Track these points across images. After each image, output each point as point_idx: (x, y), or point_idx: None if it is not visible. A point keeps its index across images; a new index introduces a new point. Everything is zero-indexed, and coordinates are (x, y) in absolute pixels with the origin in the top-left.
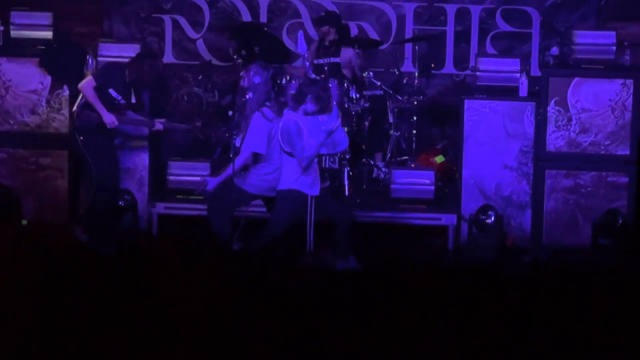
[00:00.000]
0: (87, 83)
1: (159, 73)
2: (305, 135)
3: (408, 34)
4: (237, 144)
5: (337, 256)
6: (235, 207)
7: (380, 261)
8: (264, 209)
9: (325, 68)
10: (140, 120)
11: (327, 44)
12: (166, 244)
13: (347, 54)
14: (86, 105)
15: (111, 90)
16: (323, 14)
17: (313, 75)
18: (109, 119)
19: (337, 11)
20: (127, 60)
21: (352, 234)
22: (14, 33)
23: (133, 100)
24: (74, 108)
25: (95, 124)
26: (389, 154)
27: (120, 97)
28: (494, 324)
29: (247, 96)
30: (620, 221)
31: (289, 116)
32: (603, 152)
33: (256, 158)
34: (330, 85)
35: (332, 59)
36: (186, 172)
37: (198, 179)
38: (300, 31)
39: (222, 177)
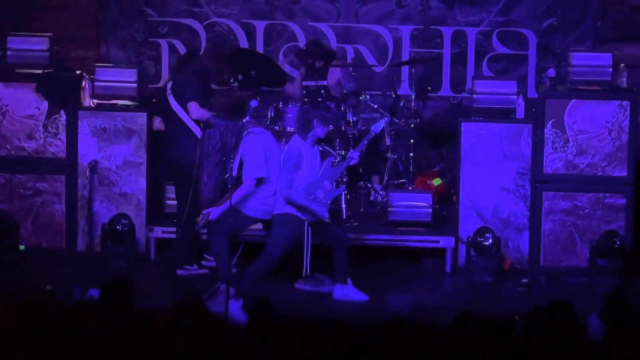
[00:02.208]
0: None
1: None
2: (303, 166)
3: (404, 57)
4: (234, 172)
5: (335, 281)
6: (235, 231)
7: (379, 285)
8: (264, 233)
9: (322, 92)
10: None
11: (316, 67)
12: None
13: (335, 75)
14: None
15: None
16: (304, 47)
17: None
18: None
19: (314, 39)
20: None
21: (349, 257)
22: (10, 58)
23: None
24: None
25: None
26: (386, 177)
27: None
28: None
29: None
30: (618, 243)
31: (296, 142)
32: (600, 173)
33: (257, 182)
34: (330, 104)
35: (320, 82)
36: None
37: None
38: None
39: (224, 207)
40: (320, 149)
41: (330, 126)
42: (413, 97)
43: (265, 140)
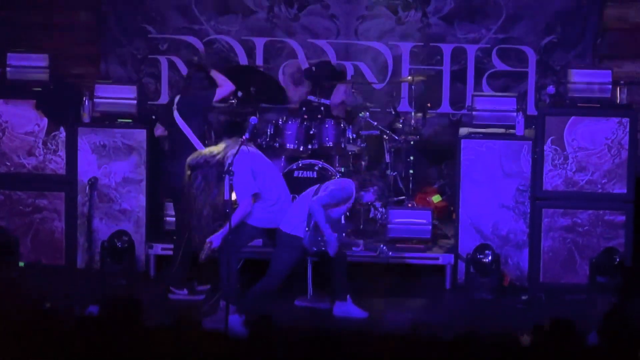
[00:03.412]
0: None
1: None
2: (342, 208)
3: (404, 74)
4: (227, 196)
5: (334, 298)
6: (244, 244)
7: (378, 302)
8: (263, 250)
9: (322, 108)
10: None
11: (322, 85)
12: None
13: (340, 95)
14: None
15: None
16: (313, 68)
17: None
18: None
19: (323, 60)
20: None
21: (348, 274)
22: (10, 75)
23: None
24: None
25: None
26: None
27: None
28: None
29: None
30: (618, 260)
31: (353, 186)
32: (600, 190)
33: (254, 197)
34: (327, 125)
35: (323, 100)
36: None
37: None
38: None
39: (224, 231)
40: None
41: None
42: (413, 114)
43: (249, 157)
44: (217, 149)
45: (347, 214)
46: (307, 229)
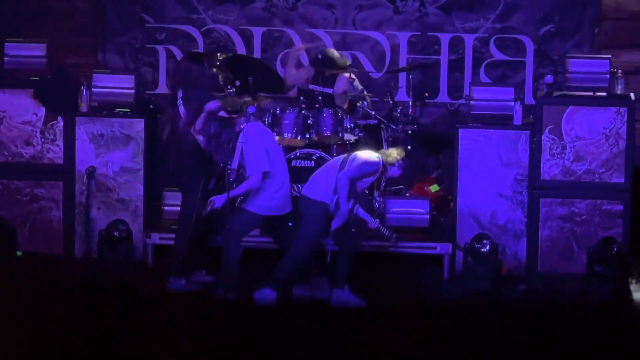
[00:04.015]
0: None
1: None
2: (368, 181)
3: (402, 63)
4: (234, 165)
5: (333, 285)
6: (248, 232)
7: (376, 291)
8: (263, 239)
9: (319, 97)
10: None
11: (325, 74)
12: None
13: (342, 84)
14: None
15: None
16: (319, 55)
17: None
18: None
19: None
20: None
21: (352, 264)
22: (8, 64)
23: None
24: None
25: None
26: (383, 183)
27: None
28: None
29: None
30: (615, 249)
31: (380, 160)
32: (598, 180)
33: (262, 176)
34: (325, 115)
35: (325, 90)
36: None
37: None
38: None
39: (229, 196)
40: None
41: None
42: (410, 103)
43: (265, 134)
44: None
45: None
46: (334, 196)
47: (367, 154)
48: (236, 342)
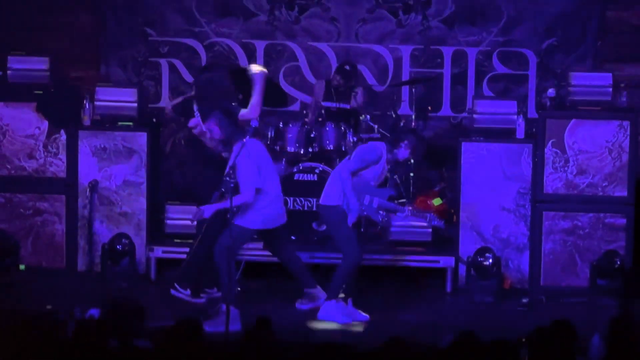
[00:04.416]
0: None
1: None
2: (374, 169)
3: (405, 77)
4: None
5: (328, 296)
6: (239, 247)
7: (379, 305)
8: (264, 253)
9: (333, 110)
10: None
11: (340, 90)
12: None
13: (359, 99)
14: None
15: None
16: (347, 67)
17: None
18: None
19: (351, 61)
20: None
21: (352, 277)
22: (11, 78)
23: None
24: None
25: None
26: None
27: None
28: None
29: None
30: (619, 263)
31: (382, 146)
32: (600, 193)
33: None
34: (328, 128)
35: (342, 105)
36: (184, 216)
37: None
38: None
39: (218, 206)
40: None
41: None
42: (413, 117)
43: (256, 150)
44: None
45: (387, 175)
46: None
47: (367, 145)
48: None
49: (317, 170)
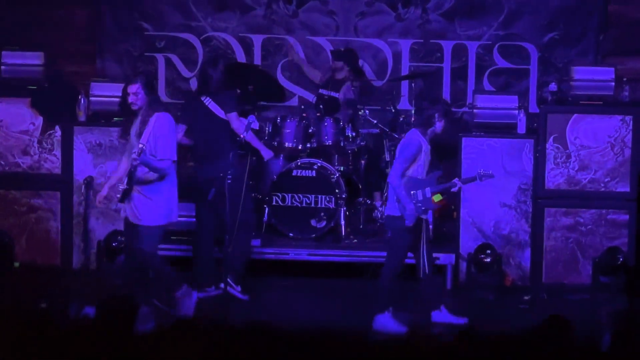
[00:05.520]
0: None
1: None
2: (420, 160)
3: (404, 71)
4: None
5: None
6: (157, 246)
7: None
8: (268, 250)
9: (325, 98)
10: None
11: (337, 78)
12: None
13: (346, 91)
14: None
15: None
16: (343, 49)
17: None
18: (268, 154)
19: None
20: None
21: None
22: (5, 73)
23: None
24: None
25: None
26: (385, 193)
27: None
28: None
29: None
30: (621, 259)
31: (416, 135)
32: (603, 189)
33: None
34: (327, 123)
35: (332, 93)
36: (181, 213)
37: (193, 219)
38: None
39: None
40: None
41: (449, 120)
42: (413, 112)
43: (175, 129)
44: None
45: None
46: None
47: (402, 142)
48: None
49: (315, 166)
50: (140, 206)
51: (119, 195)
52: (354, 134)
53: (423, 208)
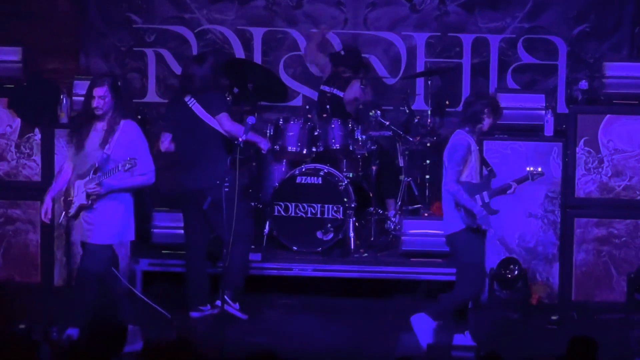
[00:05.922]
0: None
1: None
2: (471, 162)
3: (419, 68)
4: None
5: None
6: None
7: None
8: (268, 265)
9: (328, 95)
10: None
11: (342, 75)
12: None
13: (354, 90)
14: None
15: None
16: (342, 52)
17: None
18: (266, 144)
19: (354, 46)
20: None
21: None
22: None
23: None
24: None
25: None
26: (399, 202)
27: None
28: None
29: None
30: None
31: (463, 136)
32: (639, 197)
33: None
34: (334, 125)
35: (335, 91)
36: (173, 224)
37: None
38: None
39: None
40: None
41: (498, 117)
42: (429, 112)
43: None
44: None
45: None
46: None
47: (447, 147)
48: None
49: (321, 173)
50: (92, 222)
51: (71, 211)
52: (364, 137)
53: (485, 213)
